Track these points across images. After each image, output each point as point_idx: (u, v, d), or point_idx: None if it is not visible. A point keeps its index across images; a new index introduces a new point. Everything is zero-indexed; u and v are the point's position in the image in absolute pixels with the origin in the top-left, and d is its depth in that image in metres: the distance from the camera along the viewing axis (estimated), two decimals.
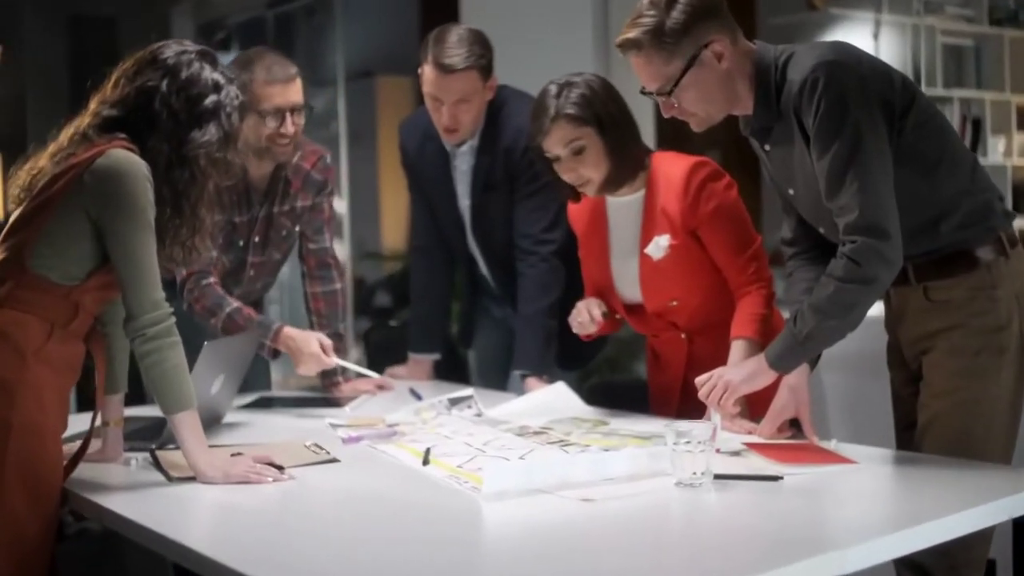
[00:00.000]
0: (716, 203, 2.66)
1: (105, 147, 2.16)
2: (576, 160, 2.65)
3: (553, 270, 3.13)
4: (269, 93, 2.93)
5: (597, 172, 2.66)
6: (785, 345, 2.30)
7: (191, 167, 2.23)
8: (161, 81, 2.22)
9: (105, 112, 2.23)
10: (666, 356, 2.89)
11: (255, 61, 2.95)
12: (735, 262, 2.69)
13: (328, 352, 2.95)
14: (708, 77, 2.26)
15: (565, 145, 2.65)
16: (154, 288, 2.18)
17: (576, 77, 2.66)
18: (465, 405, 2.85)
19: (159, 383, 2.19)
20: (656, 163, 2.73)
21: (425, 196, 3.36)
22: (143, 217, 2.16)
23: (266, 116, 2.93)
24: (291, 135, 2.97)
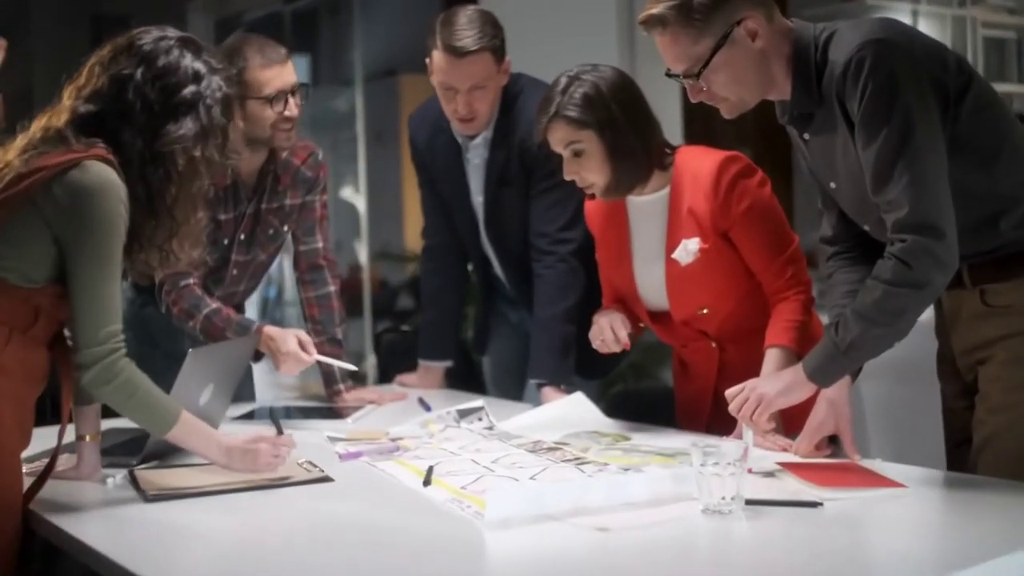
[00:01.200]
0: (749, 202, 2.45)
1: (81, 155, 1.98)
2: (577, 162, 2.47)
3: (572, 271, 2.92)
4: (268, 76, 2.76)
5: (599, 176, 2.47)
6: (825, 356, 2.08)
7: (166, 164, 2.05)
8: (136, 69, 2.04)
9: (81, 108, 2.05)
10: (695, 366, 2.68)
11: (244, 47, 2.78)
12: (771, 266, 2.48)
13: (308, 349, 2.75)
14: (740, 57, 2.05)
15: (564, 146, 2.46)
16: (100, 323, 1.99)
17: (588, 72, 2.47)
18: (475, 417, 2.64)
19: (134, 417, 2.06)
20: (681, 159, 2.53)
21: (436, 192, 3.15)
22: (110, 245, 1.99)
23: (272, 100, 2.76)
24: (295, 117, 2.81)
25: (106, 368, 1.98)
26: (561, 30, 4.59)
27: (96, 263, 1.97)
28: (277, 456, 2.11)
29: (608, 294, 2.72)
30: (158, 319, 2.97)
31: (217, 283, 2.97)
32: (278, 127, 2.79)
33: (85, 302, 1.98)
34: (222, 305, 2.84)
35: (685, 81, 2.09)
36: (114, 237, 1.98)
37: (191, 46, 2.10)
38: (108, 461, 2.25)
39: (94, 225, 1.96)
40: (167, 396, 2.07)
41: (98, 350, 1.98)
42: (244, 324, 2.81)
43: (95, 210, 1.96)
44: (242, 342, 2.65)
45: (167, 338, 3.01)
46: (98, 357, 1.98)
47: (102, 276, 1.98)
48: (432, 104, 2.96)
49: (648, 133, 2.48)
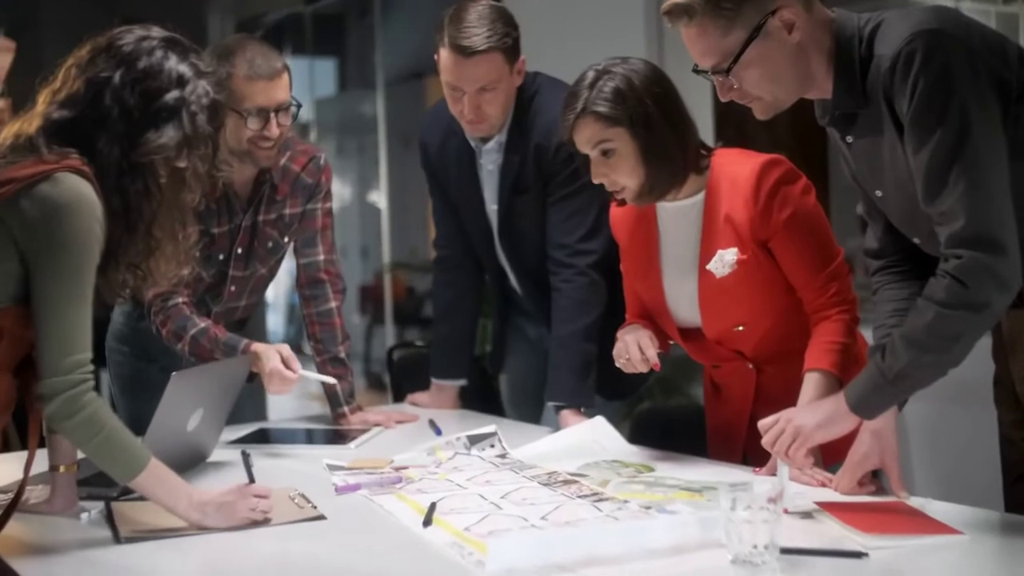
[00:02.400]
0: (792, 210, 2.24)
1: (53, 167, 1.80)
2: (606, 164, 2.26)
3: (592, 285, 2.71)
4: (251, 91, 2.56)
5: (631, 179, 2.26)
6: (870, 385, 1.87)
7: (145, 176, 1.87)
8: (115, 72, 1.85)
9: (55, 114, 1.87)
10: (729, 389, 2.47)
11: (236, 52, 2.58)
12: (812, 281, 2.27)
13: (291, 365, 2.55)
14: (775, 52, 1.84)
15: (593, 146, 2.25)
16: (65, 351, 1.81)
17: (617, 64, 2.26)
18: (487, 443, 2.44)
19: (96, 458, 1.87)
20: (718, 162, 2.32)
21: (448, 200, 2.95)
22: (80, 266, 1.81)
23: (247, 116, 2.57)
24: (274, 138, 2.61)
25: (69, 401, 1.80)
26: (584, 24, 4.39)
27: (64, 285, 1.80)
28: (254, 510, 1.91)
29: (633, 308, 2.52)
30: (154, 333, 2.79)
31: (216, 299, 2.79)
32: (256, 144, 2.61)
33: (50, 328, 1.80)
34: (210, 324, 2.66)
35: (714, 78, 1.89)
36: (85, 257, 1.81)
37: (176, 47, 1.91)
38: (86, 492, 2.08)
39: (64, 243, 1.79)
40: (136, 440, 1.88)
41: (61, 381, 1.79)
42: (231, 343, 2.63)
43: (66, 227, 1.78)
44: (234, 362, 2.47)
45: (164, 353, 2.84)
46: (60, 389, 1.79)
47: (70, 300, 1.80)
48: (444, 106, 2.77)
49: (684, 132, 2.28)
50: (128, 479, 1.86)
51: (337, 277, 2.88)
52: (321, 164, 2.82)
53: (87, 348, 1.83)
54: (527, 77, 2.74)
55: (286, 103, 2.61)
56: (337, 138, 9.30)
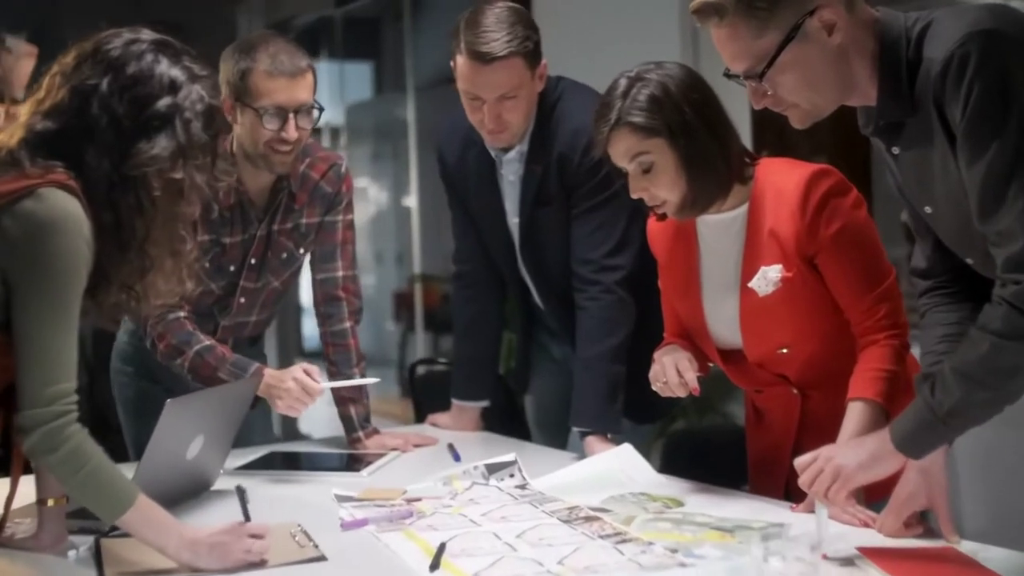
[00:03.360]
0: (841, 224, 2.08)
1: (37, 182, 1.68)
2: (645, 178, 2.10)
3: (619, 303, 2.56)
4: (270, 88, 2.44)
5: (672, 192, 2.11)
6: (918, 422, 1.71)
7: (137, 190, 1.75)
8: (102, 79, 1.74)
9: (39, 125, 1.75)
10: (772, 415, 2.31)
11: (259, 47, 2.47)
12: (860, 301, 2.11)
13: (315, 377, 2.43)
14: (814, 55, 1.68)
15: (630, 159, 2.10)
16: (47, 380, 1.69)
17: (651, 70, 2.10)
18: (507, 473, 2.30)
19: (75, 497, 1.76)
20: (763, 173, 2.16)
21: (468, 213, 2.81)
22: (65, 289, 1.69)
23: (264, 115, 2.43)
24: (292, 141, 2.47)
25: (50, 434, 1.68)
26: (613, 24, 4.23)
27: (47, 309, 1.68)
28: (249, 551, 1.78)
29: (672, 326, 2.36)
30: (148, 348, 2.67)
31: (223, 311, 2.66)
32: (273, 148, 2.48)
33: (32, 355, 1.68)
34: (216, 343, 2.53)
35: (746, 83, 1.73)
36: (71, 280, 1.69)
37: (168, 50, 1.79)
38: (77, 525, 1.96)
39: (48, 265, 1.67)
40: (122, 475, 1.76)
41: (42, 412, 1.67)
42: (241, 364, 2.50)
43: (50, 247, 1.67)
44: (237, 386, 2.33)
45: (170, 376, 2.71)
46: (41, 421, 1.67)
47: (54, 325, 1.68)
48: (463, 114, 2.62)
49: (726, 139, 2.12)
50: (114, 517, 1.73)
51: (355, 296, 2.74)
52: (342, 172, 2.69)
53: (71, 378, 1.71)
54: (549, 82, 2.59)
55: (307, 105, 2.48)
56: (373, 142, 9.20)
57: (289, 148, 2.48)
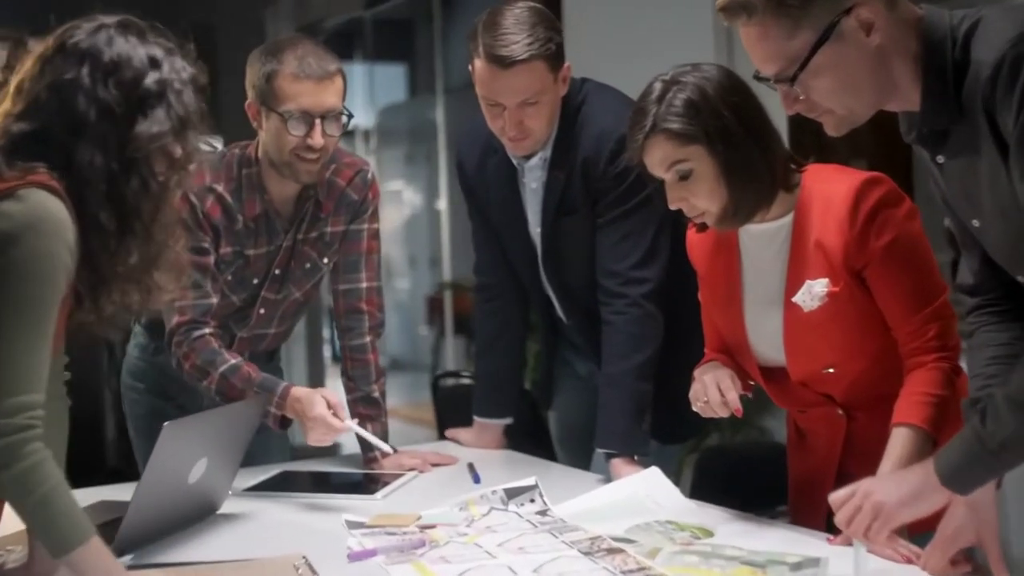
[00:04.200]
0: (892, 236, 1.95)
1: (15, 183, 1.58)
2: (683, 187, 1.98)
3: (647, 318, 2.43)
4: (296, 91, 2.34)
5: (712, 202, 1.98)
6: (967, 454, 1.58)
7: (140, 172, 1.66)
8: (79, 71, 1.64)
9: (14, 127, 1.65)
10: (815, 437, 2.19)
11: (286, 49, 2.37)
12: (909, 319, 1.98)
13: (338, 413, 2.31)
14: (850, 57, 1.55)
15: (667, 168, 1.98)
16: (20, 389, 1.57)
17: (687, 73, 1.98)
18: (527, 498, 2.18)
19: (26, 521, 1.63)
20: (810, 180, 2.03)
21: (489, 223, 2.69)
22: (40, 294, 1.59)
23: (289, 120, 2.33)
24: (319, 148, 2.36)
25: (7, 449, 1.55)
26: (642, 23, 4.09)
27: (16, 315, 1.57)
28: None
29: (712, 341, 2.24)
30: (172, 369, 2.58)
31: (241, 323, 2.56)
32: (299, 156, 2.38)
33: None
34: (242, 361, 2.43)
35: (777, 87, 1.60)
36: (46, 285, 1.58)
37: (133, 29, 1.70)
38: None
39: (21, 268, 1.57)
40: (80, 509, 1.62)
41: (3, 423, 1.55)
42: (267, 385, 2.40)
43: (24, 249, 1.56)
44: (242, 406, 2.22)
45: (182, 391, 2.63)
46: (3, 432, 1.55)
47: (23, 332, 1.57)
48: (482, 120, 2.50)
49: (769, 144, 1.99)
50: (62, 552, 1.59)
51: (378, 309, 2.62)
52: (368, 179, 2.58)
53: (39, 390, 1.59)
54: (573, 84, 2.47)
55: (335, 110, 2.38)
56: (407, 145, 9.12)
57: (315, 156, 2.37)
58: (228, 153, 2.50)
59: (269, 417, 2.38)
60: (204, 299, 2.44)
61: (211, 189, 2.45)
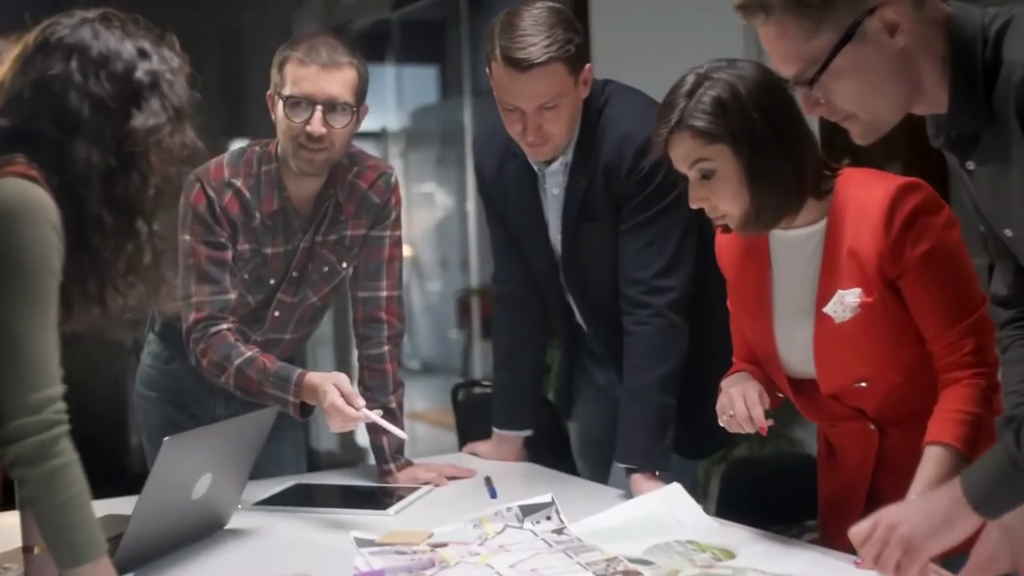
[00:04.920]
0: (929, 244, 1.87)
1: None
2: (705, 186, 1.91)
3: (670, 329, 2.35)
4: (298, 75, 2.30)
5: (733, 204, 1.91)
6: (998, 476, 1.50)
7: (140, 167, 1.62)
8: (67, 65, 1.60)
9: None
10: (846, 452, 2.11)
11: (304, 39, 2.34)
12: (945, 332, 1.89)
13: (352, 401, 2.23)
14: (874, 59, 1.47)
15: (690, 165, 1.91)
16: (32, 385, 1.52)
17: (722, 69, 1.91)
18: (543, 515, 2.11)
19: (42, 526, 1.56)
20: (844, 185, 1.95)
21: (508, 230, 2.61)
22: (39, 279, 1.53)
23: (289, 104, 2.30)
24: (318, 137, 2.31)
25: (42, 445, 1.51)
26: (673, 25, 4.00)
27: (22, 303, 1.52)
28: None
29: (741, 351, 2.17)
30: (186, 377, 2.53)
31: (256, 325, 2.51)
32: (299, 143, 2.33)
33: (12, 357, 1.52)
34: (258, 352, 2.37)
35: (797, 89, 1.53)
36: (45, 271, 1.53)
37: (116, 20, 1.66)
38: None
39: (16, 257, 1.52)
40: (97, 522, 1.58)
41: (32, 422, 1.51)
42: (283, 374, 2.33)
43: (14, 238, 1.52)
44: (251, 418, 2.16)
45: (197, 400, 2.59)
46: (31, 431, 1.50)
47: (32, 321, 1.53)
48: (500, 124, 2.42)
49: (800, 150, 1.91)
50: (70, 564, 1.54)
51: (397, 319, 2.55)
52: (391, 182, 2.52)
53: (57, 381, 1.55)
54: (595, 86, 2.39)
55: (339, 101, 2.32)
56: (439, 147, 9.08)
57: (316, 147, 2.32)
58: (248, 149, 2.46)
59: (289, 407, 2.32)
60: (222, 295, 2.40)
61: (229, 184, 2.41)
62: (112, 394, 2.68)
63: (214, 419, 2.56)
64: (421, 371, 9.10)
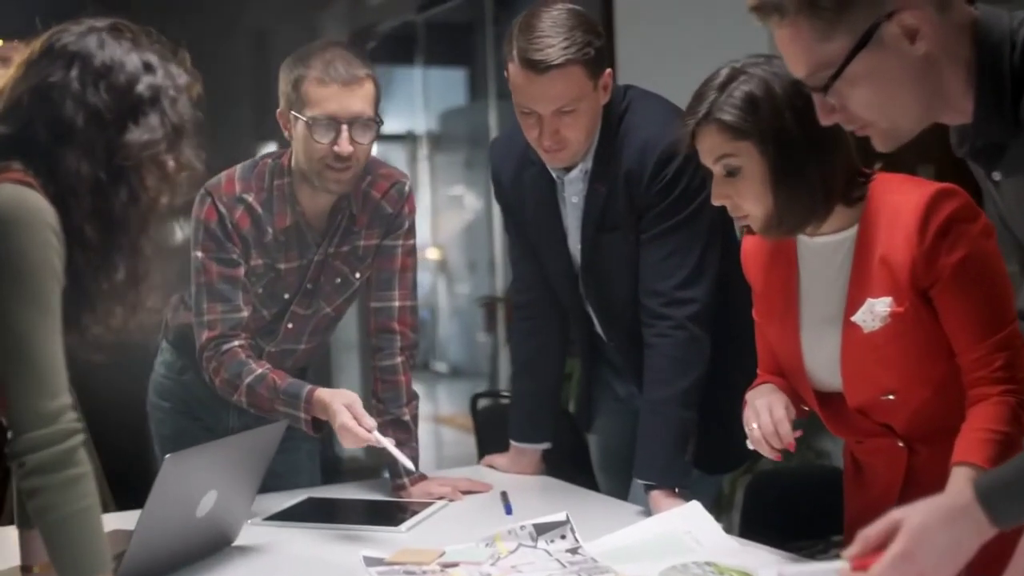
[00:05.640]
0: (965, 253, 1.79)
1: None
2: (729, 184, 1.85)
3: (691, 341, 2.28)
4: (321, 96, 2.25)
5: (756, 205, 1.84)
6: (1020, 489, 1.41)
7: (129, 182, 1.57)
8: (67, 73, 1.56)
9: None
10: (873, 470, 2.03)
11: (314, 55, 2.29)
12: (976, 346, 1.81)
13: (362, 421, 2.20)
14: (891, 66, 1.40)
15: (715, 160, 1.85)
16: (48, 393, 1.49)
17: (758, 64, 1.84)
18: (557, 534, 2.05)
19: (50, 538, 1.51)
20: (877, 191, 1.88)
21: (527, 238, 2.55)
22: (43, 283, 1.50)
23: (315, 126, 2.24)
24: (347, 156, 2.26)
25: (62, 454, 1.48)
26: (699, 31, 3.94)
27: (28, 310, 1.49)
28: None
29: (766, 362, 2.09)
30: (199, 388, 2.49)
31: (269, 337, 2.47)
32: (327, 164, 2.28)
33: (23, 366, 1.49)
34: (268, 369, 2.34)
35: (812, 93, 1.46)
36: (47, 275, 1.50)
37: (127, 33, 1.62)
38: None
39: (19, 263, 1.48)
40: (105, 539, 1.54)
41: (49, 433, 1.48)
42: (292, 391, 2.30)
43: (14, 243, 1.48)
44: (261, 432, 2.11)
45: (210, 412, 2.56)
46: (49, 441, 1.48)
47: (40, 327, 1.49)
48: (518, 130, 2.37)
49: (831, 155, 1.83)
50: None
51: (411, 330, 2.50)
52: (405, 192, 2.47)
53: (66, 388, 1.52)
54: (616, 92, 2.33)
55: (363, 117, 2.28)
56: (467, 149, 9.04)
57: (345, 166, 2.28)
58: (261, 163, 2.42)
59: (301, 423, 2.29)
60: (234, 313, 2.37)
61: (241, 199, 2.37)
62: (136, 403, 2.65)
63: (227, 430, 2.53)
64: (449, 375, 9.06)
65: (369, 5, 6.76)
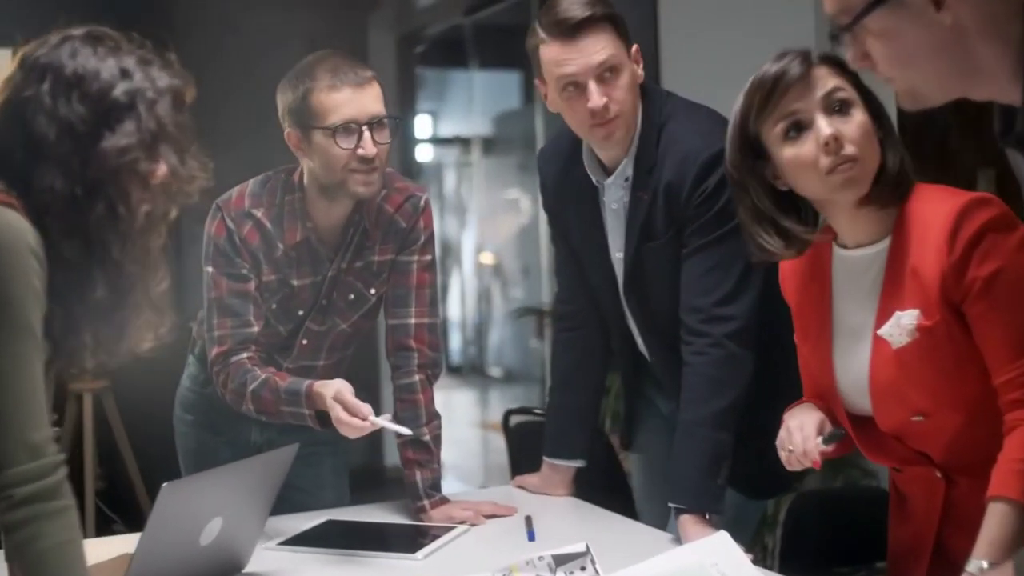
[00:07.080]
0: (998, 265, 1.69)
1: None
2: (843, 119, 1.77)
3: (729, 360, 2.17)
4: (334, 102, 2.20)
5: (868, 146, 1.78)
6: None
7: (108, 195, 1.51)
8: (39, 86, 1.50)
9: None
10: (913, 503, 1.93)
11: (315, 66, 2.24)
12: (1010, 366, 1.70)
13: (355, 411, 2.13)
14: (909, 29, 1.29)
15: (827, 94, 1.77)
16: (32, 426, 1.45)
17: None
18: (577, 566, 1.94)
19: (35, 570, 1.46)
20: (912, 200, 1.80)
21: (570, 245, 2.46)
22: (24, 309, 1.44)
23: (335, 132, 2.19)
24: (372, 157, 2.21)
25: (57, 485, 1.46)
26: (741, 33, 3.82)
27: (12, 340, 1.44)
28: None
29: (809, 386, 2.00)
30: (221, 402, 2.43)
31: (285, 353, 2.41)
32: (352, 169, 2.22)
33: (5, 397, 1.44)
34: (271, 374, 2.28)
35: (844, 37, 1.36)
36: (31, 302, 1.45)
37: (105, 41, 1.55)
38: None
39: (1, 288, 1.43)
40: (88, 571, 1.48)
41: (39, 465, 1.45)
42: (293, 388, 2.24)
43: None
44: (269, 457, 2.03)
45: (232, 426, 2.50)
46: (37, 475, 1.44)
47: (23, 358, 1.45)
48: (565, 135, 2.33)
49: None
50: None
51: (428, 347, 2.40)
52: (420, 206, 2.39)
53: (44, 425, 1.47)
54: (657, 98, 2.27)
55: (380, 116, 2.23)
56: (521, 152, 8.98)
57: (371, 167, 2.22)
58: (273, 177, 2.36)
59: (307, 419, 2.22)
60: (244, 328, 2.31)
61: (250, 214, 2.32)
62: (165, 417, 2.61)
63: (248, 445, 2.49)
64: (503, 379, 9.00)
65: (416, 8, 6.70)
